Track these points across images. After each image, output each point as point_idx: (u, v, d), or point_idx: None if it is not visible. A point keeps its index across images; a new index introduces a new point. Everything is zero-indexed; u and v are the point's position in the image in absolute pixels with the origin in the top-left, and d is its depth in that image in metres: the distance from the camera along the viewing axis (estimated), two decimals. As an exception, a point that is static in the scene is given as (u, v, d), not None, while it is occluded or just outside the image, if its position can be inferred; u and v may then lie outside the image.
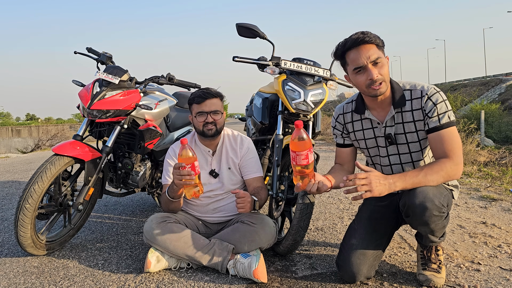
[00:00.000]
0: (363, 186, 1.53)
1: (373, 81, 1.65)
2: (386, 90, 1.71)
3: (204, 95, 2.11)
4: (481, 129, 10.67)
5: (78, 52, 2.68)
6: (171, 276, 1.94)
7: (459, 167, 1.65)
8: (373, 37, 1.65)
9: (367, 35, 1.65)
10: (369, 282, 1.84)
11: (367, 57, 1.64)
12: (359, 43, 1.65)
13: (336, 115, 2.02)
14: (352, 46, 1.67)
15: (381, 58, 1.66)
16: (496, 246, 2.31)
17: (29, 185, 2.03)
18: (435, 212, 1.62)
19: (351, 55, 1.69)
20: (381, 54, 1.67)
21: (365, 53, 1.64)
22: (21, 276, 1.98)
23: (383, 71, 1.67)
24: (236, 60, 2.49)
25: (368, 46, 1.65)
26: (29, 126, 32.68)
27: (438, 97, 1.69)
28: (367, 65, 1.65)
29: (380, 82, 1.66)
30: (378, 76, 1.65)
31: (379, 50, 1.67)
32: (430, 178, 1.61)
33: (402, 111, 1.76)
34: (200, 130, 2.14)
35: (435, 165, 1.63)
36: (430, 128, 1.70)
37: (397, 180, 1.59)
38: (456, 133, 1.69)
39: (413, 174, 1.61)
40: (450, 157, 1.65)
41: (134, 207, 3.46)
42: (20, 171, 5.94)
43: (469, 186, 4.15)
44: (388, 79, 1.71)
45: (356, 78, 1.71)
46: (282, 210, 2.27)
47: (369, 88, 1.68)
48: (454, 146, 1.66)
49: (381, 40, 1.69)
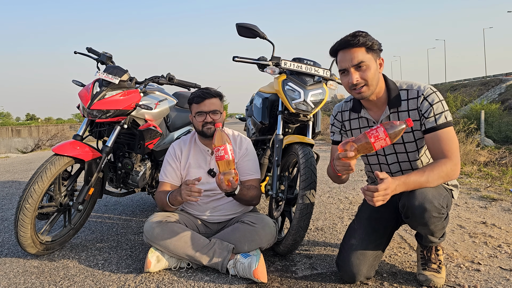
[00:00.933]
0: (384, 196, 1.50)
1: (353, 84, 1.68)
2: (372, 93, 1.72)
3: (203, 95, 2.12)
4: (481, 129, 10.67)
5: (78, 52, 2.68)
6: (171, 276, 1.94)
7: (457, 167, 1.66)
8: (362, 40, 1.64)
9: (356, 38, 1.65)
10: (369, 282, 1.84)
11: (350, 60, 1.67)
12: (345, 46, 1.68)
13: (335, 112, 2.04)
14: (339, 47, 1.71)
15: (365, 62, 1.65)
16: (496, 246, 2.31)
17: (29, 185, 2.03)
18: (435, 213, 1.62)
19: (339, 56, 1.73)
20: (367, 57, 1.66)
21: (348, 56, 1.67)
22: (21, 276, 1.98)
23: (366, 75, 1.67)
24: (236, 60, 2.49)
25: (354, 50, 1.66)
26: (29, 126, 32.67)
27: (435, 98, 1.69)
28: (349, 68, 1.67)
29: (362, 85, 1.68)
30: (359, 80, 1.67)
31: (368, 53, 1.67)
32: (432, 180, 1.61)
33: (398, 111, 1.77)
34: (199, 129, 2.15)
35: (436, 166, 1.63)
36: (427, 128, 1.70)
37: (400, 184, 1.57)
38: (453, 133, 1.69)
39: (415, 177, 1.60)
40: (449, 158, 1.65)
41: (134, 207, 3.46)
42: (20, 171, 5.94)
43: (469, 186, 4.15)
44: (374, 82, 1.70)
45: (342, 79, 1.76)
46: (282, 210, 2.27)
47: (352, 91, 1.73)
48: (452, 146, 1.66)
49: (374, 42, 1.67)
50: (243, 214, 2.22)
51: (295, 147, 2.20)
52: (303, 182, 2.03)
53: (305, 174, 2.04)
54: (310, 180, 2.03)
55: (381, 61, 1.74)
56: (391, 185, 1.52)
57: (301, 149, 2.15)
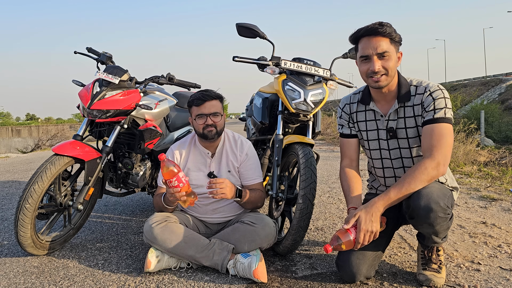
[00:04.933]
0: (368, 238, 1.60)
1: (374, 72, 1.69)
2: (388, 84, 1.73)
3: (203, 97, 2.09)
4: (481, 129, 10.67)
5: (78, 52, 2.68)
6: (171, 276, 1.94)
7: (441, 165, 1.63)
8: (388, 30, 1.67)
9: (384, 27, 1.66)
10: (369, 282, 1.84)
11: (374, 48, 1.67)
12: (372, 33, 1.68)
13: (343, 104, 2.03)
14: (365, 34, 1.71)
15: (389, 53, 1.68)
16: (496, 246, 2.31)
17: (29, 185, 2.03)
18: (441, 213, 1.61)
19: (362, 43, 1.73)
20: (391, 48, 1.69)
21: (374, 44, 1.68)
22: (21, 276, 1.98)
23: (388, 64, 1.69)
24: (236, 60, 2.49)
25: (379, 38, 1.67)
26: (29, 126, 32.67)
27: (439, 94, 1.70)
28: (372, 55, 1.68)
29: (382, 74, 1.70)
30: (380, 69, 1.69)
31: (391, 44, 1.69)
32: (415, 186, 1.62)
33: (405, 105, 1.78)
34: (200, 132, 2.12)
35: (417, 172, 1.62)
36: (424, 120, 1.71)
37: (382, 203, 1.62)
38: (448, 131, 1.66)
39: (395, 190, 1.62)
40: (432, 156, 1.63)
41: (134, 207, 3.46)
42: (20, 171, 5.94)
43: (469, 186, 4.15)
44: (393, 73, 1.72)
45: (361, 66, 1.76)
46: (282, 210, 2.27)
47: (369, 78, 1.73)
48: (441, 143, 1.64)
49: (397, 35, 1.70)
50: (243, 214, 2.21)
51: (295, 147, 2.20)
52: (303, 182, 2.03)
53: (305, 174, 2.04)
54: (310, 180, 2.03)
55: (400, 55, 1.76)
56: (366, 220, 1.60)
57: (301, 149, 2.15)
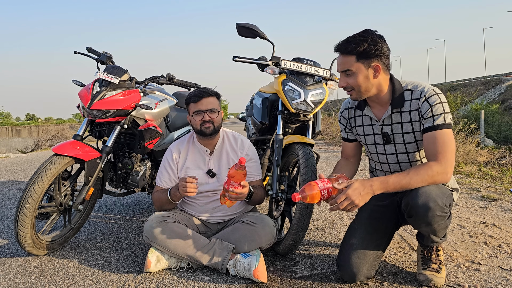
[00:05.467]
0: (346, 206, 1.56)
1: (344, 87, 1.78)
2: (361, 97, 1.78)
3: (200, 94, 2.13)
4: (481, 129, 10.66)
5: (78, 52, 2.68)
6: (171, 276, 1.94)
7: (446, 171, 1.62)
8: (351, 48, 1.68)
9: (348, 45, 1.69)
10: (369, 282, 1.84)
11: (339, 65, 1.76)
12: (337, 50, 1.76)
13: (342, 109, 2.07)
14: (335, 50, 1.78)
15: (351, 70, 1.71)
16: (496, 246, 2.31)
17: (29, 185, 2.03)
18: (438, 212, 1.61)
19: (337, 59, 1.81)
20: (356, 65, 1.69)
21: (339, 61, 1.76)
22: (21, 276, 1.98)
23: (351, 80, 1.73)
24: (236, 60, 2.49)
25: (343, 56, 1.73)
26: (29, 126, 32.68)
27: (436, 99, 1.69)
28: (340, 72, 1.77)
29: (350, 90, 1.76)
30: (345, 85, 1.76)
31: (358, 61, 1.69)
32: (414, 183, 1.61)
33: (401, 111, 1.78)
34: (198, 129, 2.14)
35: (422, 169, 1.62)
36: (424, 128, 1.71)
37: (378, 184, 1.60)
38: (450, 136, 1.66)
39: (396, 179, 1.60)
40: (438, 160, 1.63)
41: (134, 207, 3.46)
42: (20, 171, 5.94)
43: (469, 186, 4.15)
44: (363, 88, 1.73)
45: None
46: (282, 210, 2.27)
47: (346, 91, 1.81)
48: (445, 149, 1.64)
49: (369, 48, 1.65)
50: (243, 214, 2.22)
51: (295, 147, 2.21)
52: (303, 182, 2.03)
53: (305, 174, 2.04)
54: (310, 180, 2.03)
55: (377, 66, 1.69)
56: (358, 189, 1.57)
57: (301, 149, 2.15)
